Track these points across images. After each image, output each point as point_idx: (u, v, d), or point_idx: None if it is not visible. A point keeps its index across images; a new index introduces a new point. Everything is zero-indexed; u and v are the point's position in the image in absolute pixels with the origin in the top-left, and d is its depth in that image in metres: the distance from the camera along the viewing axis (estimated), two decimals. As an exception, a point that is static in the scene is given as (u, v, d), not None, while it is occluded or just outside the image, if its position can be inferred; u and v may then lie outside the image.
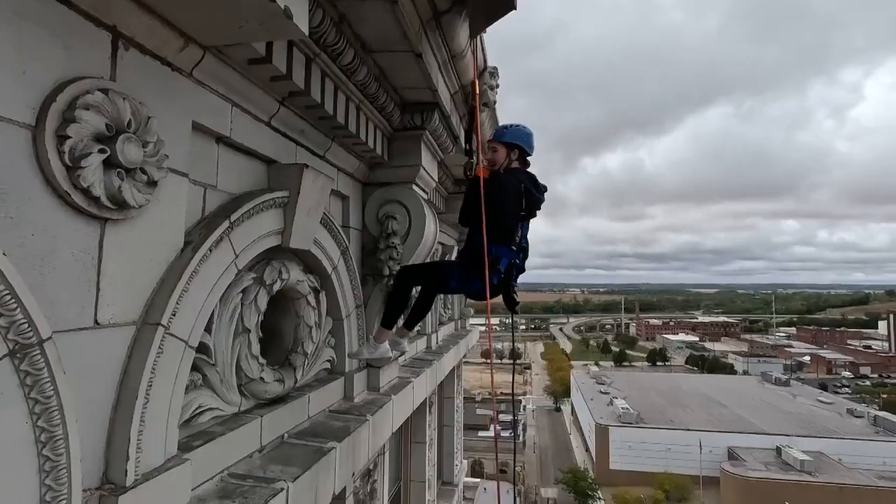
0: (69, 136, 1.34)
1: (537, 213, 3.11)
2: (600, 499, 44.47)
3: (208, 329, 2.05)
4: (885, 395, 74.25)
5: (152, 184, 1.60)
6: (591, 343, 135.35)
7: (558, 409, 74.73)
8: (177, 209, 1.79)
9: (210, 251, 1.90)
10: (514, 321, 3.51)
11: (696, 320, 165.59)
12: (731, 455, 45.54)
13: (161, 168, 1.62)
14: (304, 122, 2.68)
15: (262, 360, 2.40)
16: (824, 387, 77.22)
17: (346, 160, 3.30)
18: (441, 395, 7.67)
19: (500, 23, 3.01)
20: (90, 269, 1.46)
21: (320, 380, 3.13)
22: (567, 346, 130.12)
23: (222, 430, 2.11)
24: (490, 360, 4.07)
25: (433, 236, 3.88)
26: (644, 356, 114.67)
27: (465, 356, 8.12)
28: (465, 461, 10.14)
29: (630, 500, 42.98)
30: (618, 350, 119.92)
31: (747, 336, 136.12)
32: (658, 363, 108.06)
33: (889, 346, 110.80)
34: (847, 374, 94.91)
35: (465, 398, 10.10)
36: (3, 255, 1.15)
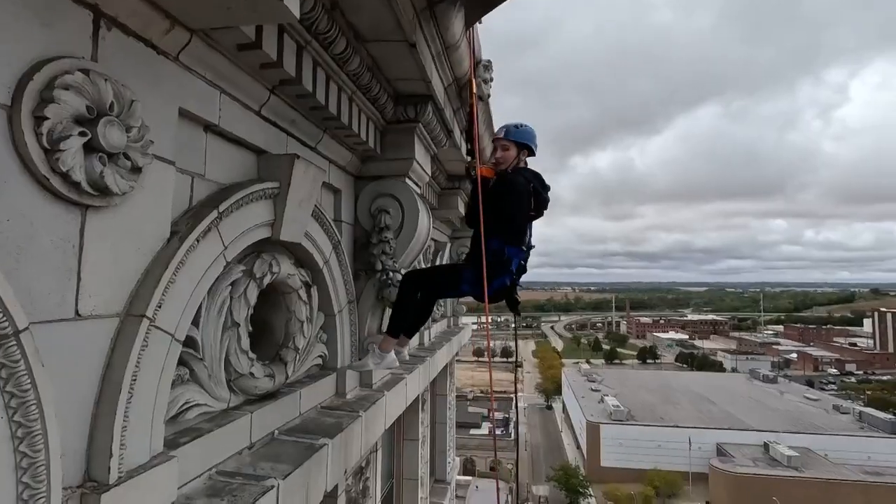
0: (47, 118, 1.27)
1: (544, 213, 3.09)
2: (591, 496, 44.73)
3: (196, 322, 1.99)
4: (869, 392, 75.45)
5: (136, 170, 1.54)
6: (583, 341, 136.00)
7: (549, 407, 75.03)
8: (163, 198, 1.73)
9: (198, 241, 1.84)
10: (517, 322, 3.47)
11: (685, 318, 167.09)
12: (720, 451, 46.03)
13: (146, 154, 1.56)
14: (295, 112, 2.62)
15: (251, 354, 2.34)
16: (811, 384, 78.31)
17: (338, 152, 3.24)
18: (434, 392, 7.63)
19: (491, 20, 2.97)
20: (70, 257, 1.40)
21: (312, 376, 3.08)
22: (558, 345, 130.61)
23: (210, 427, 2.05)
24: (489, 359, 4.03)
25: (427, 231, 3.84)
26: (634, 354, 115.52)
27: (457, 353, 8.08)
28: (457, 458, 10.12)
29: (620, 496, 43.29)
30: (609, 348, 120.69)
31: (736, 334, 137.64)
32: (648, 361, 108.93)
33: (874, 343, 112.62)
34: (833, 371, 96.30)
35: (457, 396, 10.07)
36: (-24, 240, 1.09)
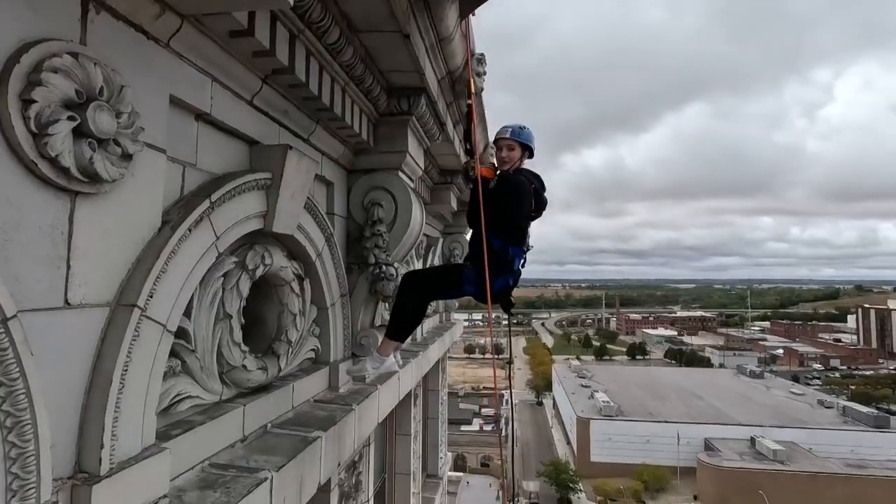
0: (35, 101, 1.24)
1: (543, 213, 3.12)
2: (581, 491, 45.11)
3: (187, 314, 1.96)
4: (853, 387, 76.84)
5: (127, 157, 1.51)
6: (573, 337, 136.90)
7: (540, 403, 75.45)
8: (154, 186, 1.70)
9: (189, 231, 1.81)
10: (510, 322, 3.51)
11: (674, 315, 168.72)
12: (708, 446, 46.65)
13: (136, 141, 1.53)
14: (288, 103, 2.59)
15: (244, 347, 2.32)
16: (796, 379, 79.54)
17: (330, 145, 3.22)
18: (426, 387, 7.63)
19: (481, 16, 2.96)
20: (60, 245, 1.37)
21: (304, 369, 3.06)
22: (549, 341, 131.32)
23: (203, 419, 2.03)
24: (492, 356, 4.03)
25: (419, 225, 3.82)
26: (624, 350, 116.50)
27: (449, 349, 8.09)
28: (449, 454, 10.15)
29: (610, 491, 43.74)
30: (599, 344, 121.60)
31: (723, 330, 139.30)
32: (638, 357, 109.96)
33: (857, 339, 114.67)
34: (818, 366, 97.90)
35: (448, 393, 10.08)
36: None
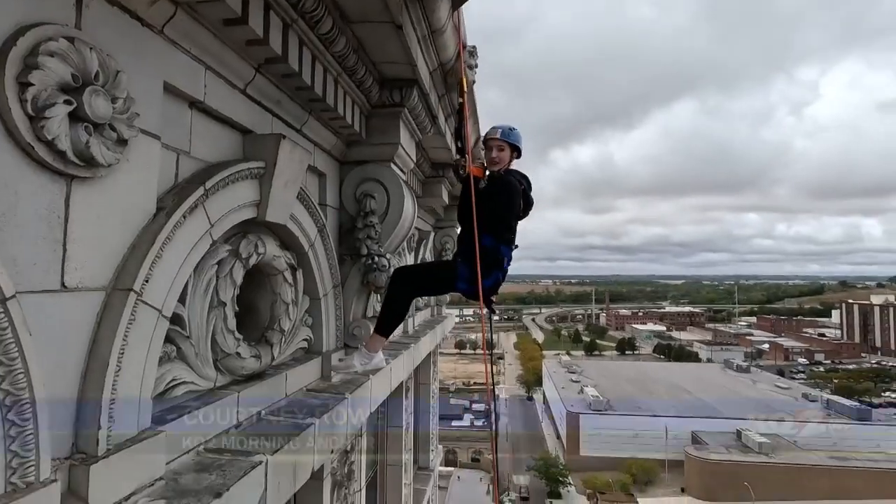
0: (32, 84, 1.25)
1: (529, 212, 3.20)
2: (570, 484, 45.58)
3: (182, 300, 1.97)
4: (836, 381, 78.32)
5: (122, 142, 1.52)
6: (563, 333, 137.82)
7: (530, 398, 75.97)
8: (149, 172, 1.71)
9: (184, 218, 1.83)
10: (491, 319, 3.60)
11: (663, 310, 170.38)
12: (695, 439, 47.37)
13: (132, 126, 1.55)
14: (281, 93, 2.60)
15: (238, 335, 2.33)
16: (781, 373, 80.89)
17: (323, 136, 3.23)
18: (417, 380, 7.68)
19: (468, 10, 2.98)
20: (56, 228, 1.38)
21: (297, 359, 3.08)
22: (539, 337, 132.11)
23: (198, 405, 2.05)
24: (483, 352, 4.05)
25: (411, 216, 3.85)
26: (614, 345, 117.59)
27: (441, 342, 8.14)
28: (440, 447, 10.21)
29: (599, 484, 44.23)
30: (588, 340, 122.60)
31: (711, 325, 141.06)
32: (627, 352, 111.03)
33: (841, 333, 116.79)
34: (803, 360, 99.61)
35: (439, 388, 10.13)
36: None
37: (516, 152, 3.19)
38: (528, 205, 3.16)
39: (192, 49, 1.94)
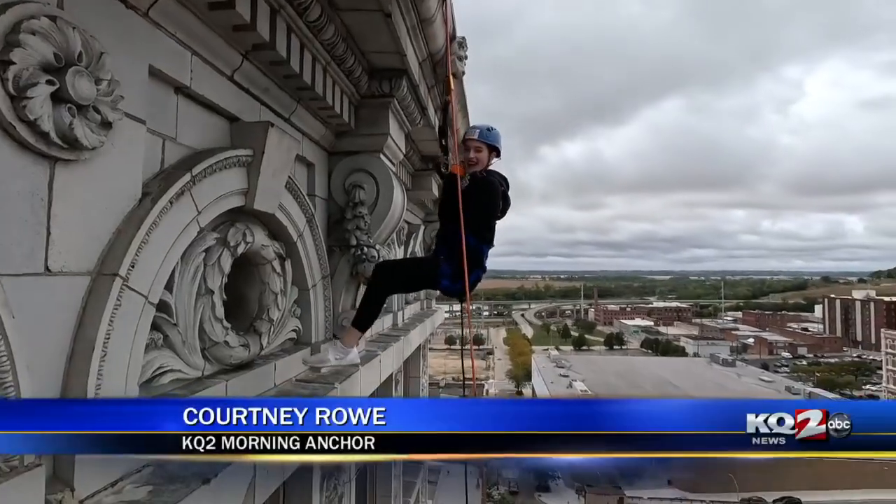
0: (13, 62, 1.23)
1: (507, 213, 3.27)
2: (559, 477, 46.01)
3: (169, 288, 1.96)
4: (818, 374, 79.88)
5: (106, 125, 1.50)
6: (552, 328, 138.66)
7: (520, 393, 76.51)
8: (134, 156, 1.69)
9: (171, 204, 1.81)
10: (462, 313, 3.67)
11: (651, 306, 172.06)
12: (682, 432, 48.01)
13: (116, 109, 1.53)
14: (269, 81, 2.58)
15: (226, 323, 2.32)
16: (766, 367, 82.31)
17: (311, 125, 3.21)
18: (407, 373, 7.69)
19: (459, 4, 2.98)
20: (39, 210, 1.36)
21: (286, 349, 3.07)
22: (529, 332, 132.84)
23: (185, 394, 2.04)
24: (471, 347, 4.06)
25: (401, 207, 3.85)
26: (602, 340, 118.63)
27: (431, 335, 8.15)
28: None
29: (587, 477, 44.63)
30: (577, 335, 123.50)
31: (698, 320, 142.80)
32: (615, 347, 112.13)
33: (824, 328, 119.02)
34: (786, 354, 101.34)
35: (429, 384, 10.17)
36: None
37: (495, 152, 3.22)
38: (506, 206, 3.23)
39: (178, 33, 1.92)
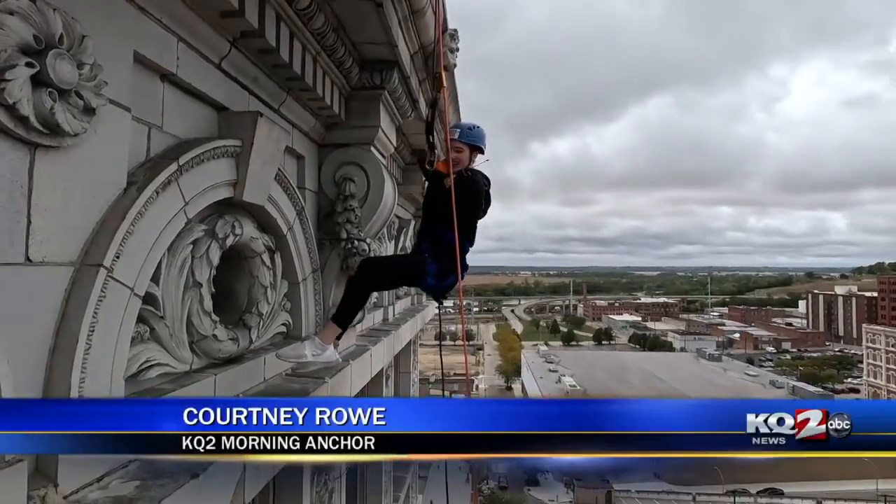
0: (-10, 43, 1.19)
1: (488, 211, 3.29)
2: (548, 472, 46.38)
3: (156, 280, 1.91)
4: (802, 368, 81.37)
5: (89, 111, 1.45)
6: (542, 324, 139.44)
7: (510, 388, 76.90)
8: (118, 144, 1.65)
9: (157, 194, 1.77)
10: (440, 310, 3.73)
11: (639, 301, 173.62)
12: (669, 426, 48.66)
13: (99, 95, 1.48)
14: (258, 70, 2.53)
15: (214, 317, 2.28)
16: (751, 361, 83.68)
17: (301, 117, 3.16)
18: (397, 369, 7.67)
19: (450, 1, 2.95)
20: (18, 198, 1.32)
21: (276, 343, 3.03)
22: (518, 327, 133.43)
23: (173, 388, 2.00)
24: (464, 343, 4.06)
25: (392, 201, 3.81)
26: (591, 336, 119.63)
27: (422, 330, 8.13)
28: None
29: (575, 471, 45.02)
30: (566, 330, 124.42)
31: (685, 316, 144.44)
32: (603, 342, 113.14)
33: (807, 323, 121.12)
34: (771, 349, 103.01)
35: (420, 379, 10.14)
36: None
37: (478, 151, 3.21)
38: (487, 205, 3.24)
39: (164, 18, 1.86)
